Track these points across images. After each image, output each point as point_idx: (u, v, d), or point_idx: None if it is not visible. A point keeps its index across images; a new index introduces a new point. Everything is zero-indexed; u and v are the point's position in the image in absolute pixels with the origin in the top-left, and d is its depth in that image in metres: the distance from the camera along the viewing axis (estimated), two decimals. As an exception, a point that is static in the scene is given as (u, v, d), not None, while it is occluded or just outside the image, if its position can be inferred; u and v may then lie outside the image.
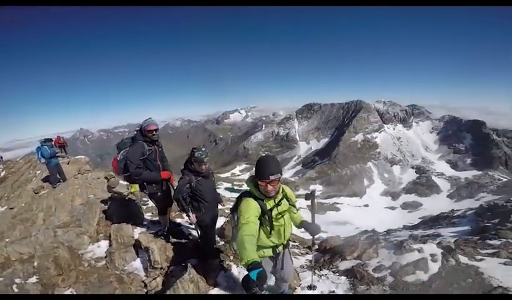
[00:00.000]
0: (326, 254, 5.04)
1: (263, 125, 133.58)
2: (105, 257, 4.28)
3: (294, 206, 2.54)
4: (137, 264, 4.10)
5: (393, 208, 58.51)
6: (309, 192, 2.88)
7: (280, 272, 2.84)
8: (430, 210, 46.59)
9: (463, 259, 4.12)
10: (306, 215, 2.76)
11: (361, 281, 3.69)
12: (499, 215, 13.26)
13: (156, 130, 3.96)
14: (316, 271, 4.25)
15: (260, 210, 2.32)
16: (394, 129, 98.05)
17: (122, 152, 4.06)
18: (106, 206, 5.80)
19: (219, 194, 4.10)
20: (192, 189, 3.52)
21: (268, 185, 2.23)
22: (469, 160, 78.09)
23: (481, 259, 4.29)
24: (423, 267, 3.76)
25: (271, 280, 3.08)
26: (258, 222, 2.31)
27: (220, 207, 4.23)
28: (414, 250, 4.16)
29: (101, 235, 4.95)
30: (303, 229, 2.65)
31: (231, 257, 4.39)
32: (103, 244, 4.66)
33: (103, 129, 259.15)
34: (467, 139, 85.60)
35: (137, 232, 4.73)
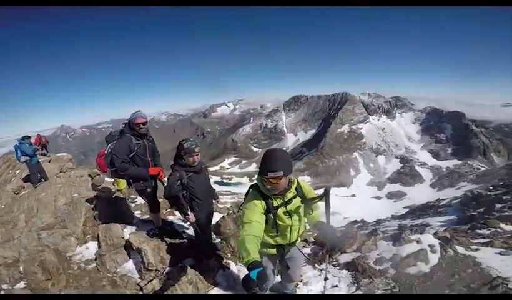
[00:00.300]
0: (324, 247, 4.98)
1: (251, 118, 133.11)
2: (95, 259, 4.03)
3: (310, 206, 2.34)
4: (130, 266, 3.88)
5: (378, 198, 60.09)
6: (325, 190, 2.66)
7: (285, 272, 2.72)
8: (414, 200, 48.20)
9: (460, 249, 4.14)
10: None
11: (363, 274, 3.64)
12: (483, 205, 13.75)
13: (144, 123, 3.71)
14: (316, 265, 4.18)
15: (265, 207, 2.17)
16: (378, 120, 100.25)
17: (109, 145, 3.82)
18: (92, 205, 5.51)
19: (214, 189, 3.91)
20: (183, 185, 3.25)
21: (268, 182, 2.07)
22: (449, 150, 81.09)
23: (476, 249, 4.33)
24: (423, 259, 3.74)
25: (275, 280, 2.97)
26: (264, 217, 2.16)
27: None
28: (413, 241, 4.13)
29: (88, 236, 4.67)
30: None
31: (229, 255, 4.26)
32: (92, 246, 4.38)
33: (86, 125, 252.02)
34: (447, 129, 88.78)
35: (127, 232, 4.48)
